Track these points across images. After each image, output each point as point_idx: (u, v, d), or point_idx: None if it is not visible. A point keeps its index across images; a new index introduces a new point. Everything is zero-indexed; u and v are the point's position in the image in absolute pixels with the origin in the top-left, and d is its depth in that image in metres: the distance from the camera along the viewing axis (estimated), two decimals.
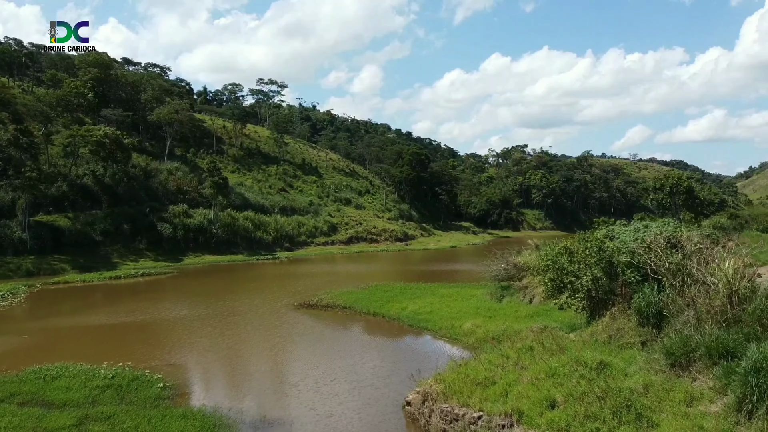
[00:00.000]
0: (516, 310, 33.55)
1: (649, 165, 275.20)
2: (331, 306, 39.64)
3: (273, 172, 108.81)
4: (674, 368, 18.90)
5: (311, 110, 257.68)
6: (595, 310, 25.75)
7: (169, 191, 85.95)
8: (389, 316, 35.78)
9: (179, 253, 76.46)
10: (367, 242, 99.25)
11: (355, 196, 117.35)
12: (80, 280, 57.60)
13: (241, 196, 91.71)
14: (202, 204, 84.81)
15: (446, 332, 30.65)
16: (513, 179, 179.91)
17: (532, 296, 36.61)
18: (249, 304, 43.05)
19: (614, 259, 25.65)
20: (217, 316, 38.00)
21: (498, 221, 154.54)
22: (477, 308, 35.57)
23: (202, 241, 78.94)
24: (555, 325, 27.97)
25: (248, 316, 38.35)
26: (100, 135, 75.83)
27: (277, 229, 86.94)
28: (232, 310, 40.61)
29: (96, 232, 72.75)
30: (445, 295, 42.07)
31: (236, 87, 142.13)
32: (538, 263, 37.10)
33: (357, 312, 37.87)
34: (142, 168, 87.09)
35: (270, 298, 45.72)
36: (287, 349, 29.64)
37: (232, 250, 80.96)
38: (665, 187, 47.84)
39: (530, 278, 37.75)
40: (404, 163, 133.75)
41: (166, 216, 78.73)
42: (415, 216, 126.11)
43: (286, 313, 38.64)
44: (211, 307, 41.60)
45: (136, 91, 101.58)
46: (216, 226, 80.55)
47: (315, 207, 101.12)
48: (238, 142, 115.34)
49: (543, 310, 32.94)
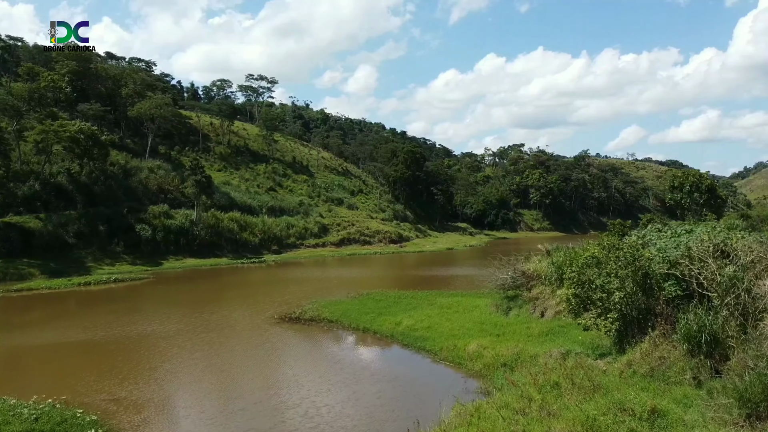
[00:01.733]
0: (527, 326, 29.10)
1: (647, 164, 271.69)
2: (315, 320, 35.04)
3: (261, 171, 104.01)
4: (751, 419, 14.56)
5: (304, 109, 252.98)
6: (629, 332, 21.35)
7: (149, 191, 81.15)
8: (381, 332, 31.23)
9: (159, 257, 71.73)
10: (359, 244, 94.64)
11: (347, 196, 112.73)
12: (46, 287, 52.89)
13: (226, 195, 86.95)
14: (185, 204, 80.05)
15: (448, 354, 26.12)
16: (510, 179, 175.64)
17: (543, 309, 32.19)
18: (227, 317, 38.41)
19: (651, 271, 21.28)
20: (188, 333, 33.39)
21: (495, 222, 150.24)
22: (481, 323, 31.11)
23: (183, 244, 74.20)
24: (578, 348, 23.54)
25: (224, 332, 33.74)
26: (74, 130, 71.04)
27: (264, 230, 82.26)
28: (207, 324, 36.00)
29: (69, 234, 67.93)
30: (444, 305, 37.59)
31: (225, 83, 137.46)
32: (550, 271, 32.73)
33: (345, 327, 33.29)
34: (121, 166, 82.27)
35: (251, 310, 41.13)
36: (263, 380, 24.93)
37: (216, 253, 76.25)
38: (685, 186, 43.67)
39: (541, 288, 33.33)
40: (399, 161, 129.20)
41: (145, 217, 73.97)
42: (410, 217, 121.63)
43: (266, 330, 34.02)
44: (183, 321, 36.99)
45: (117, 86, 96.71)
46: (199, 227, 75.86)
47: (305, 207, 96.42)
48: (226, 139, 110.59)
49: (558, 326, 28.54)
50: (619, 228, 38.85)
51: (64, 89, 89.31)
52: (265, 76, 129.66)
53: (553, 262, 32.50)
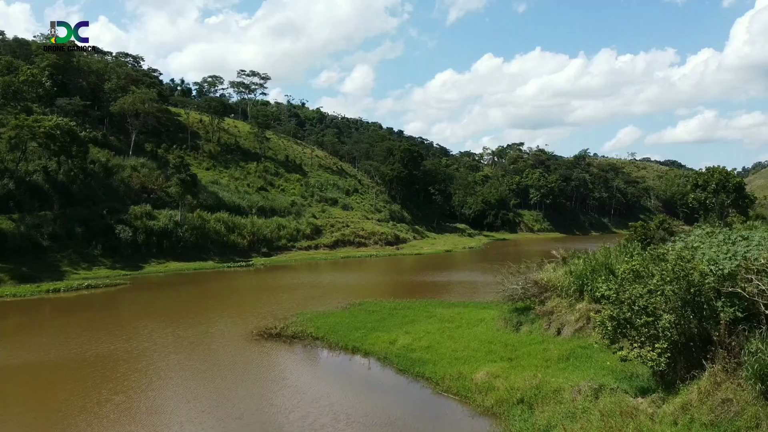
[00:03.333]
0: (543, 347, 24.98)
1: (648, 164, 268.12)
2: (299, 336, 30.80)
3: (252, 170, 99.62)
4: None
5: (300, 108, 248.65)
6: (679, 364, 17.22)
7: (132, 190, 76.76)
8: (374, 353, 27.02)
9: (140, 260, 67.36)
10: (354, 246, 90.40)
11: (342, 196, 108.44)
12: (10, 294, 48.61)
13: (214, 195, 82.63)
14: (169, 204, 75.72)
15: (452, 384, 21.94)
16: (509, 178, 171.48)
17: (560, 325, 28.07)
18: (204, 332, 34.16)
19: (704, 287, 17.18)
20: (155, 354, 29.23)
21: (494, 222, 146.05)
22: (489, 342, 26.96)
23: (167, 246, 69.84)
24: (611, 381, 19.39)
25: (196, 353, 29.56)
26: (50, 126, 66.63)
27: (253, 232, 77.94)
28: (180, 341, 31.85)
29: (44, 236, 63.48)
30: (445, 318, 33.46)
31: (216, 79, 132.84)
32: (567, 282, 28.60)
33: (332, 346, 29.05)
34: (102, 164, 77.83)
35: (232, 322, 36.95)
36: (221, 428, 20.47)
37: (202, 255, 71.91)
38: (710, 185, 39.73)
39: (556, 301, 29.20)
40: (395, 160, 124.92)
41: (125, 218, 69.60)
42: (407, 217, 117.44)
43: (243, 350, 29.79)
44: (153, 338, 32.77)
45: (101, 80, 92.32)
46: (183, 228, 71.51)
47: (297, 208, 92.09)
48: (216, 137, 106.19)
49: (579, 348, 24.45)
50: (641, 231, 34.63)
51: (44, 84, 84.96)
52: (257, 72, 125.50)
53: (571, 272, 28.38)
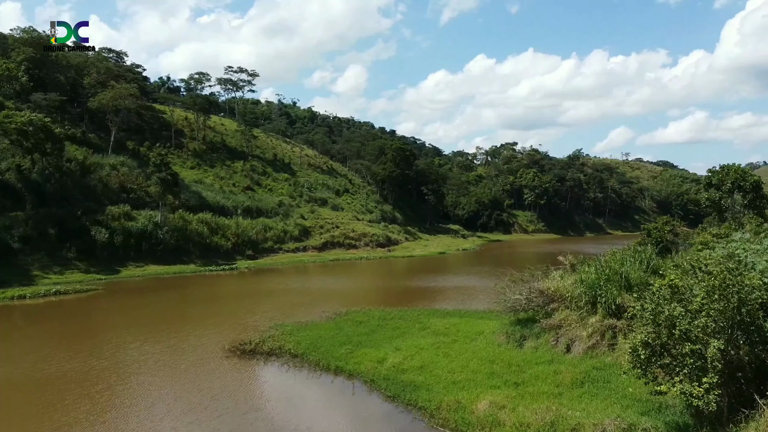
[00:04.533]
0: (553, 368, 21.88)
1: (642, 164, 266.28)
2: (276, 353, 27.51)
3: (239, 169, 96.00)
4: None
5: (291, 107, 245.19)
6: (728, 399, 14.14)
7: (110, 189, 73.06)
8: (360, 374, 23.80)
9: (117, 263, 63.80)
10: (344, 248, 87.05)
11: (332, 196, 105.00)
12: None
13: (197, 195, 79.05)
14: (150, 205, 72.13)
15: (449, 415, 18.77)
16: (503, 178, 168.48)
17: (569, 341, 24.98)
18: (174, 347, 30.85)
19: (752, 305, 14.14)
20: (113, 375, 25.97)
21: (488, 223, 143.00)
22: (491, 361, 23.84)
23: (145, 249, 66.27)
24: (639, 417, 16.26)
25: (159, 374, 26.31)
26: (22, 122, 63.03)
27: (238, 233, 74.41)
28: (145, 359, 28.56)
29: (14, 238, 59.79)
30: (440, 331, 30.31)
31: (203, 76, 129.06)
32: (577, 292, 25.48)
33: (312, 365, 25.76)
34: (79, 162, 74.07)
35: (207, 335, 33.63)
36: None
37: (183, 258, 68.41)
38: (725, 183, 36.80)
39: (565, 313, 26.07)
40: (387, 159, 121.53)
41: (102, 219, 65.98)
42: (399, 218, 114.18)
43: (212, 370, 26.41)
44: (116, 355, 29.43)
45: (80, 75, 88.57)
46: (163, 230, 67.98)
47: (285, 208, 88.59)
48: (201, 135, 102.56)
49: (594, 369, 21.41)
50: (656, 234, 31.40)
51: (21, 78, 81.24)
52: (245, 69, 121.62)
53: (582, 281, 25.26)
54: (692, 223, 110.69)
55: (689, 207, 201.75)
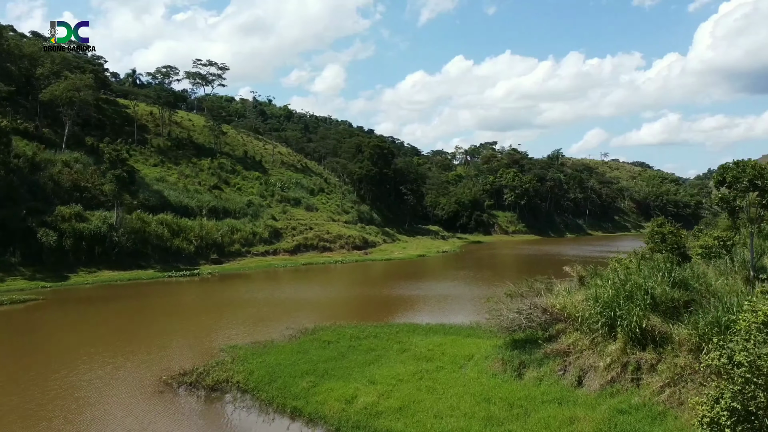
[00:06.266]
0: (567, 412, 17.29)
1: (621, 165, 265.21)
2: (221, 387, 22.51)
3: (206, 167, 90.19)
4: None
5: (267, 105, 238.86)
6: None
7: (62, 188, 66.97)
8: (322, 418, 18.92)
9: (66, 269, 58.01)
10: (318, 251, 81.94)
11: (306, 196, 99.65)
12: None
13: (158, 194, 73.24)
14: (105, 205, 66.28)
15: None
16: (483, 178, 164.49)
17: (581, 372, 20.45)
18: (102, 377, 25.64)
19: None
20: (14, 421, 20.70)
21: (468, 224, 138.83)
22: (486, 400, 19.19)
23: (99, 253, 60.53)
24: None
25: (75, 419, 21.15)
26: None
27: (202, 235, 68.84)
28: (62, 395, 23.45)
29: None
30: (423, 354, 25.64)
31: (171, 70, 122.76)
32: (591, 313, 20.91)
33: (263, 404, 20.80)
34: (29, 158, 67.92)
35: (146, 359, 28.50)
36: None
37: (140, 263, 62.75)
38: (742, 181, 32.82)
39: (574, 337, 21.53)
40: (365, 157, 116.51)
41: (50, 220, 60.02)
42: (377, 219, 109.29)
43: (141, 413, 21.36)
44: (25, 388, 24.31)
45: (34, 66, 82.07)
46: (119, 232, 62.28)
47: (255, 208, 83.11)
48: (166, 130, 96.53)
49: (618, 412, 16.94)
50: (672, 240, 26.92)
51: None
52: (215, 62, 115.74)
53: (596, 298, 20.69)
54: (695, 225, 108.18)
55: (669, 207, 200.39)
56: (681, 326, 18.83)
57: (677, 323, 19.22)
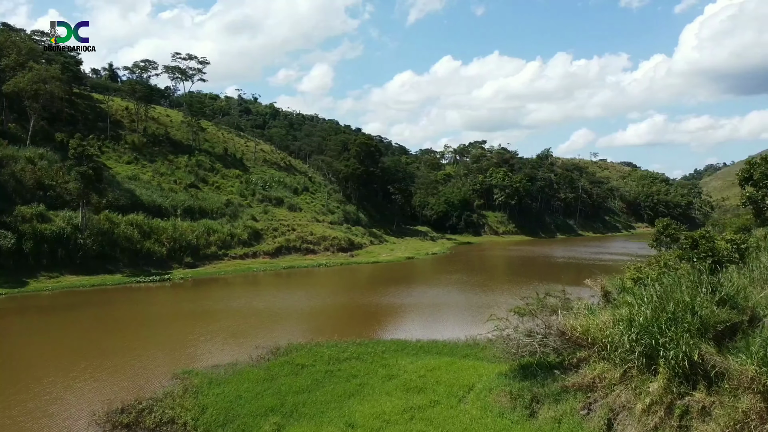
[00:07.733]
0: None
1: (610, 165, 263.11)
2: (165, 429, 18.27)
3: (182, 164, 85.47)
4: None
5: (252, 103, 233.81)
6: None
7: (24, 186, 62.17)
8: None
9: (26, 274, 53.33)
10: (301, 253, 77.59)
11: (289, 195, 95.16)
12: None
13: (129, 193, 68.52)
14: (70, 204, 61.62)
15: None
16: (473, 178, 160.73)
17: (610, 414, 16.42)
18: (33, 411, 21.41)
19: None
20: None
21: (458, 225, 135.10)
22: None
23: (62, 256, 55.91)
24: None
25: None
26: None
27: (175, 237, 64.24)
28: None
29: None
30: (413, 383, 21.57)
31: (150, 64, 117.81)
32: (624, 340, 16.84)
33: None
34: None
35: (93, 389, 24.20)
36: None
37: (108, 267, 58.18)
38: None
39: (601, 367, 17.51)
40: (351, 155, 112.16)
41: (9, 221, 55.35)
42: (364, 219, 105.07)
43: None
44: None
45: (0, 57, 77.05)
46: (85, 234, 57.68)
47: (234, 208, 78.52)
48: (141, 126, 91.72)
49: None
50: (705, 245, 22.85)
51: None
52: (194, 56, 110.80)
53: (630, 321, 16.60)
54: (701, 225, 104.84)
55: (659, 208, 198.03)
56: (739, 357, 14.93)
57: (732, 354, 15.32)
